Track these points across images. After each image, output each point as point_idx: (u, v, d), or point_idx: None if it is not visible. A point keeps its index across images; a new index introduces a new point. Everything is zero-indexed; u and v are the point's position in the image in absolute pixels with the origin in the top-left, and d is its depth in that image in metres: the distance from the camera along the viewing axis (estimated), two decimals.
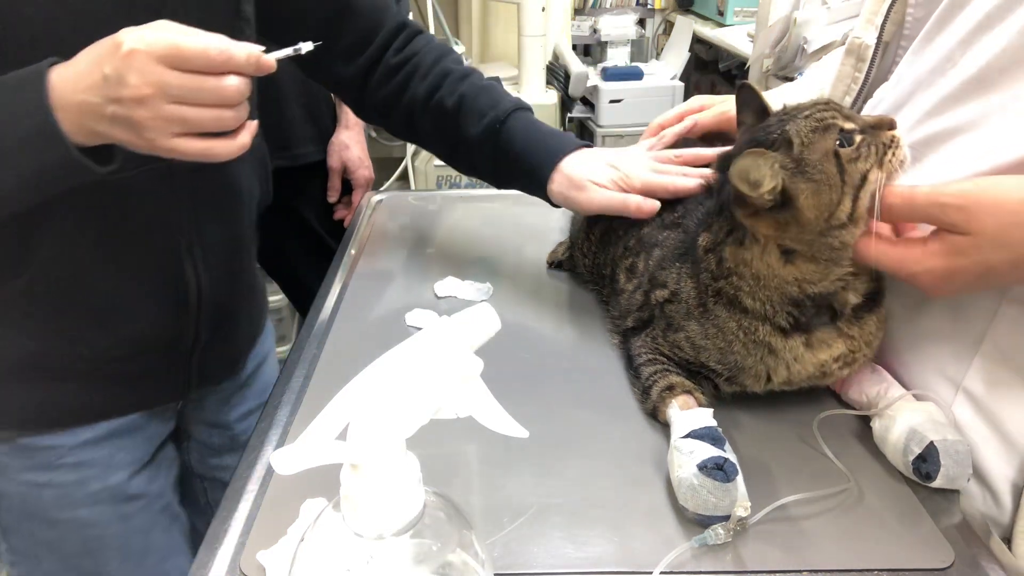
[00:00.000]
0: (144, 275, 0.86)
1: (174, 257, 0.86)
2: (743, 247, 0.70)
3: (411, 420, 0.43)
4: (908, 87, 0.73)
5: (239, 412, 1.07)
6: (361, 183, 1.63)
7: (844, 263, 0.68)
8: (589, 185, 0.90)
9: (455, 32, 2.55)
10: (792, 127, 0.67)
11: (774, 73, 2.22)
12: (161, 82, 0.61)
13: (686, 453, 0.64)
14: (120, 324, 0.86)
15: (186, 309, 0.89)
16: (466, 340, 0.47)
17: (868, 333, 0.72)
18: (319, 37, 0.97)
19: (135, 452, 0.94)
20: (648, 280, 0.82)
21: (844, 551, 0.61)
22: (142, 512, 0.95)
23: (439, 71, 1.00)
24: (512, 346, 0.89)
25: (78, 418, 0.89)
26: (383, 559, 0.42)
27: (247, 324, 1.05)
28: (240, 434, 1.09)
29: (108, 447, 0.91)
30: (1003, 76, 0.62)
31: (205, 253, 0.88)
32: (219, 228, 0.90)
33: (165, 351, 0.91)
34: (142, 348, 0.89)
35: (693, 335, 0.74)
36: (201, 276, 0.88)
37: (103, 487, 0.91)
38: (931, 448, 0.64)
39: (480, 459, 0.72)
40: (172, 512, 1.00)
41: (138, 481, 0.94)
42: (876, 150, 0.65)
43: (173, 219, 0.85)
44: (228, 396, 1.06)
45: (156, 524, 0.97)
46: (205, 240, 0.88)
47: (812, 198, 0.65)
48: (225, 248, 0.92)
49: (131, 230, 0.83)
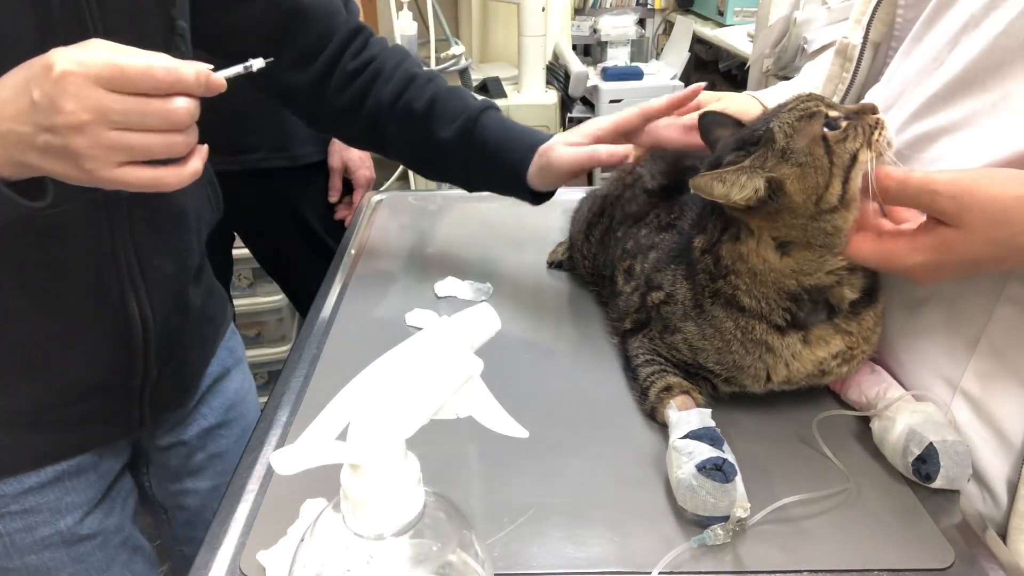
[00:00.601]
0: (82, 318, 0.78)
1: (115, 295, 0.79)
2: (739, 242, 0.70)
3: (411, 420, 0.43)
4: (897, 87, 0.73)
5: (194, 431, 1.00)
6: (362, 183, 1.63)
7: (839, 249, 0.68)
8: (558, 144, 0.89)
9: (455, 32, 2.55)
10: (776, 123, 0.67)
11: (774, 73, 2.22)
12: (101, 107, 0.55)
13: (685, 454, 0.64)
14: (57, 372, 0.79)
15: (133, 348, 0.82)
16: (466, 340, 0.47)
17: (866, 328, 0.72)
18: (270, 46, 0.92)
19: (87, 493, 0.87)
20: (644, 282, 0.82)
21: (844, 551, 0.61)
22: (98, 551, 0.89)
23: (403, 74, 0.97)
24: (512, 346, 0.89)
25: (18, 466, 0.82)
26: (383, 559, 0.42)
27: (199, 349, 0.98)
28: (200, 458, 1.02)
29: (56, 491, 0.84)
30: (991, 76, 0.63)
31: (149, 287, 0.81)
32: (164, 258, 0.83)
33: (111, 392, 0.84)
34: (84, 393, 0.82)
35: (690, 336, 0.74)
36: (146, 311, 0.81)
37: (53, 531, 0.85)
38: (931, 449, 0.64)
39: (480, 459, 0.72)
40: (132, 544, 0.94)
41: (91, 521, 0.88)
42: (863, 131, 0.66)
43: (111, 253, 0.77)
44: (182, 418, 0.99)
45: (115, 560, 0.91)
46: (149, 273, 0.80)
47: (799, 182, 0.65)
48: (172, 279, 0.85)
49: (63, 269, 0.75)
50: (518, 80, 2.49)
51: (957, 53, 0.65)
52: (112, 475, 0.91)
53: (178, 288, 0.88)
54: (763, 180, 0.66)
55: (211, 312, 1.00)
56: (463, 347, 0.47)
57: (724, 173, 0.66)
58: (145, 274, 0.80)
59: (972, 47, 0.64)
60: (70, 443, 0.85)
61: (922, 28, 0.71)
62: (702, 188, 0.67)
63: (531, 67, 2.44)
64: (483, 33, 2.76)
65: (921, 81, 0.69)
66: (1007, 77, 0.62)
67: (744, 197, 0.66)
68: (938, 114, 0.67)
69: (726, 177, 0.66)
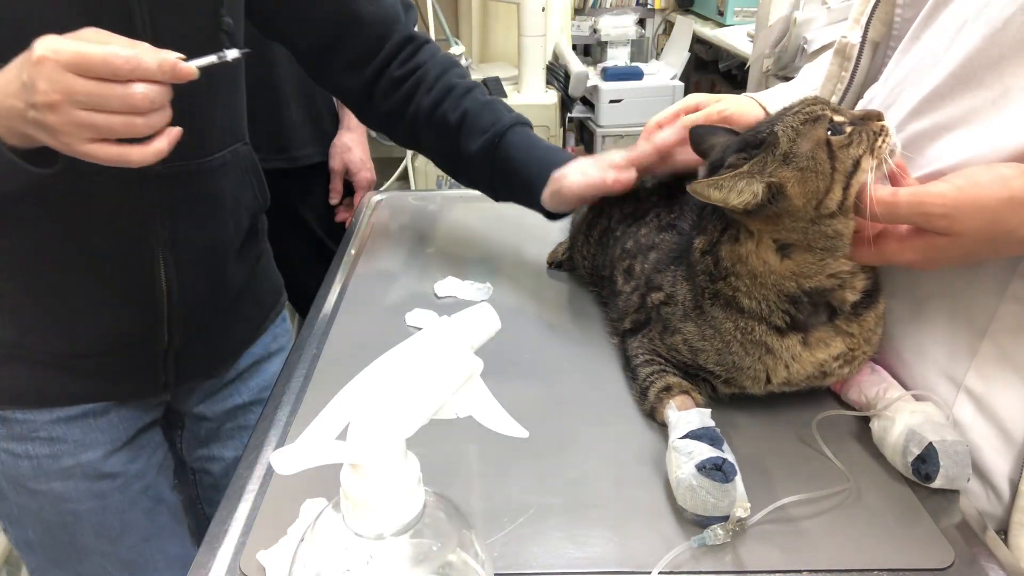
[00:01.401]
0: (114, 278, 0.86)
1: (147, 262, 0.86)
2: (738, 243, 0.70)
3: (411, 420, 0.43)
4: (895, 86, 0.73)
5: (226, 407, 1.07)
6: (363, 185, 1.63)
7: (840, 254, 0.68)
8: (571, 172, 0.92)
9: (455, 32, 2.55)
10: (780, 126, 0.67)
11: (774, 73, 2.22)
12: (68, 89, 0.62)
13: (685, 454, 0.64)
14: (87, 324, 0.87)
15: (158, 313, 0.89)
16: (466, 340, 0.47)
17: (867, 329, 0.72)
18: (323, 47, 0.99)
19: (111, 432, 0.94)
20: (644, 283, 0.82)
21: (844, 551, 0.61)
22: (118, 492, 0.96)
23: (443, 85, 1.01)
24: (512, 346, 0.89)
25: (50, 400, 0.90)
26: (383, 559, 0.42)
27: (238, 327, 1.04)
28: (228, 428, 1.08)
29: (81, 426, 0.92)
30: (989, 72, 0.63)
31: (179, 259, 0.88)
32: (197, 234, 0.90)
33: (135, 352, 0.91)
34: (111, 348, 0.89)
35: (690, 337, 0.74)
36: (174, 282, 0.88)
37: (75, 463, 0.92)
38: (930, 449, 0.64)
39: (480, 459, 0.72)
40: (155, 495, 1.00)
41: (114, 461, 0.95)
42: (867, 137, 0.66)
43: (146, 225, 0.85)
44: (215, 391, 1.05)
45: (135, 505, 0.98)
46: (180, 246, 0.87)
47: (799, 186, 0.65)
48: (204, 254, 0.92)
49: (101, 233, 0.83)
50: (518, 80, 2.49)
51: (954, 50, 0.65)
52: (138, 424, 0.98)
53: (212, 264, 0.93)
54: (762, 185, 0.66)
55: (259, 295, 1.07)
56: (463, 347, 0.47)
57: (720, 180, 0.66)
58: (176, 247, 0.87)
59: (969, 44, 0.64)
60: (96, 390, 0.92)
61: (920, 26, 0.71)
62: (699, 194, 0.67)
63: (531, 67, 2.44)
64: (483, 33, 2.76)
65: (919, 79, 0.69)
66: (1005, 73, 0.62)
67: (742, 202, 0.66)
68: (936, 111, 0.67)
69: (723, 183, 0.66)
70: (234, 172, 0.94)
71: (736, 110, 0.95)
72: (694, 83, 3.44)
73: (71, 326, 0.87)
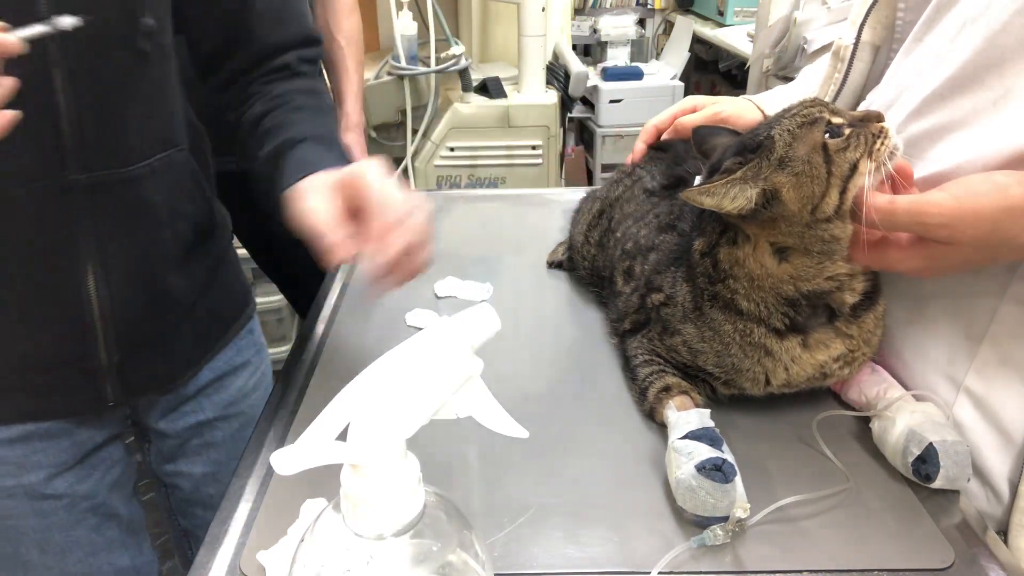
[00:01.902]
0: (41, 293, 0.82)
1: (73, 276, 0.82)
2: (736, 247, 0.70)
3: (411, 420, 0.43)
4: (896, 87, 0.73)
5: (188, 423, 1.02)
6: None
7: (838, 257, 0.68)
8: (308, 195, 0.79)
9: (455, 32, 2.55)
10: (776, 130, 0.67)
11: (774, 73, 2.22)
12: None
13: (684, 454, 0.64)
14: (15, 341, 0.83)
15: (90, 329, 0.84)
16: (466, 340, 0.47)
17: (867, 331, 0.72)
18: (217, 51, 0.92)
19: (56, 455, 0.90)
20: (644, 284, 0.82)
21: (844, 551, 0.61)
22: (63, 511, 0.92)
23: (281, 98, 0.91)
24: (512, 346, 0.89)
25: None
26: (383, 559, 0.42)
27: (190, 341, 0.98)
28: (194, 444, 1.03)
29: (22, 448, 0.88)
30: (991, 73, 0.63)
31: (110, 272, 0.83)
32: (128, 246, 0.84)
33: (70, 370, 0.87)
34: (45, 365, 0.85)
35: (690, 338, 0.74)
36: (105, 296, 0.83)
37: (16, 484, 0.89)
38: (930, 449, 0.64)
39: (480, 459, 0.72)
40: (106, 512, 0.96)
41: (59, 482, 0.91)
42: (865, 140, 0.65)
43: (71, 237, 0.80)
44: (174, 406, 1.00)
45: (81, 523, 0.94)
46: (110, 259, 0.83)
47: (794, 191, 0.65)
48: (137, 267, 0.86)
49: (25, 247, 0.79)
50: (518, 80, 2.49)
51: (956, 51, 0.65)
52: (90, 444, 0.94)
53: (148, 277, 0.88)
54: (756, 191, 0.65)
55: (216, 307, 1.01)
56: (463, 347, 0.47)
57: (712, 187, 0.66)
58: (105, 260, 0.82)
59: (970, 45, 0.64)
60: (34, 409, 0.88)
61: (922, 29, 0.71)
62: (693, 200, 0.68)
63: (531, 67, 2.44)
64: (483, 33, 2.76)
65: (920, 80, 0.69)
66: (1007, 74, 0.62)
67: (736, 207, 0.66)
68: (938, 112, 0.67)
69: (715, 190, 0.66)
70: (167, 180, 0.87)
71: (732, 112, 0.95)
72: (694, 83, 3.44)
73: (3, 343, 0.83)
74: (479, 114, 2.31)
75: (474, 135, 2.31)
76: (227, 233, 1.05)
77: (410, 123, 2.28)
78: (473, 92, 2.34)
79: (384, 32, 2.51)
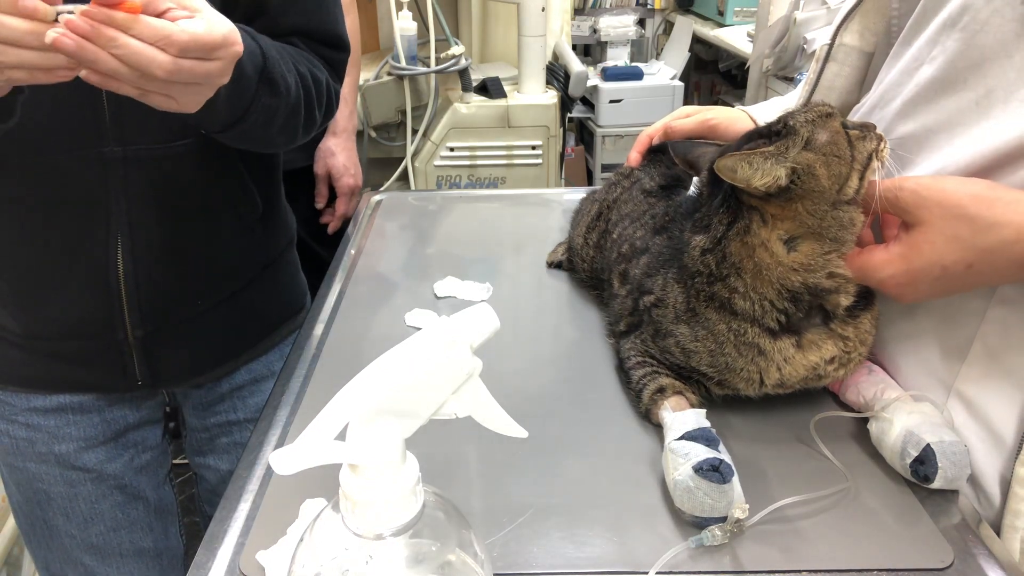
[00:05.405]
0: (73, 259, 0.86)
1: (102, 243, 0.86)
2: (749, 235, 0.69)
3: (411, 420, 0.44)
4: (886, 90, 0.74)
5: (219, 420, 1.05)
6: (344, 191, 1.62)
7: (846, 249, 0.68)
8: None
9: (455, 32, 2.54)
10: (796, 120, 0.68)
11: (774, 73, 2.23)
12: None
13: (681, 455, 0.64)
14: (45, 303, 0.88)
15: (115, 299, 0.88)
16: (466, 340, 0.48)
17: (863, 332, 0.72)
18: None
19: (87, 430, 0.96)
20: (636, 286, 0.82)
21: (842, 551, 0.61)
22: (91, 483, 0.98)
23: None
24: (512, 346, 0.89)
25: (26, 384, 0.94)
26: (383, 559, 0.42)
27: (225, 335, 1.00)
28: (223, 442, 1.07)
29: (55, 419, 0.95)
30: (972, 74, 0.63)
31: (136, 244, 0.87)
32: (158, 223, 0.88)
33: (95, 338, 0.91)
34: (70, 331, 0.90)
35: (683, 339, 0.74)
36: (129, 265, 0.87)
37: (49, 451, 0.96)
38: (928, 450, 0.64)
39: (480, 459, 0.73)
40: (133, 492, 1.01)
41: (89, 456, 0.97)
42: (875, 137, 0.68)
43: (105, 207, 0.85)
44: (209, 402, 1.04)
45: (107, 497, 0.99)
46: (139, 233, 0.87)
47: (825, 168, 0.66)
48: (163, 243, 0.89)
49: (58, 212, 0.84)
50: (518, 80, 2.49)
51: (937, 52, 0.66)
52: (122, 423, 0.99)
53: (176, 257, 0.91)
54: (786, 169, 0.66)
55: (259, 307, 1.04)
56: (463, 347, 0.47)
57: (752, 155, 0.66)
58: (133, 232, 0.87)
59: (952, 46, 0.65)
60: (63, 378, 0.94)
61: (910, 32, 0.72)
62: (727, 168, 0.66)
63: (531, 67, 2.44)
64: (483, 33, 2.76)
65: (905, 82, 0.70)
66: (988, 75, 0.63)
67: (764, 184, 0.66)
68: (922, 114, 0.68)
69: (753, 160, 0.66)
70: (204, 162, 0.90)
71: (724, 120, 0.96)
72: (694, 83, 3.45)
73: (31, 305, 0.88)
74: (479, 114, 2.31)
75: (474, 135, 2.31)
76: (286, 233, 1.08)
77: (410, 123, 2.28)
78: (473, 92, 2.33)
79: (384, 32, 2.51)
